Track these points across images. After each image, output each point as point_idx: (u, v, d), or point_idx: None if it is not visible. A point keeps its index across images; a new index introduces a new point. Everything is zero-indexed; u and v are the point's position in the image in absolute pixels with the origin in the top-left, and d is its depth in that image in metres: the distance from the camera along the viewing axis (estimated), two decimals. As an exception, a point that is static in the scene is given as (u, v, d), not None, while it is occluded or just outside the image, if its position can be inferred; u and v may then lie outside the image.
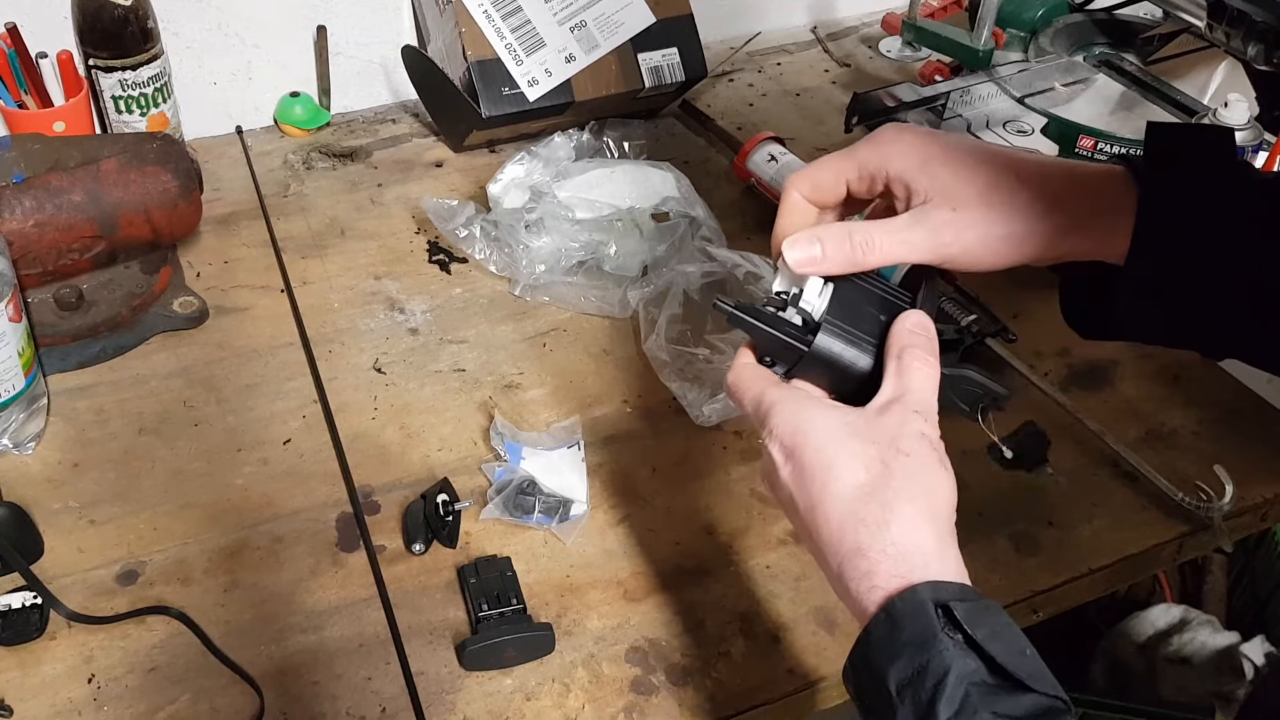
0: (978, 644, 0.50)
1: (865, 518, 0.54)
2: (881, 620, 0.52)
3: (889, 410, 0.57)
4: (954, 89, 1.20)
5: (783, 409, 0.59)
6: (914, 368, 0.58)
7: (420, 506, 0.86)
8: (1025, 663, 0.50)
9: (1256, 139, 1.02)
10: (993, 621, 0.51)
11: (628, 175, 1.13)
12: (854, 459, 0.56)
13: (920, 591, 0.52)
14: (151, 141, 1.01)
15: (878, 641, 0.52)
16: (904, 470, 0.55)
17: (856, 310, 0.62)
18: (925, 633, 0.51)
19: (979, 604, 0.52)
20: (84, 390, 0.96)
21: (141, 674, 0.76)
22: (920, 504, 0.55)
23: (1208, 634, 1.43)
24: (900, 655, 0.51)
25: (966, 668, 0.49)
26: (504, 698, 0.76)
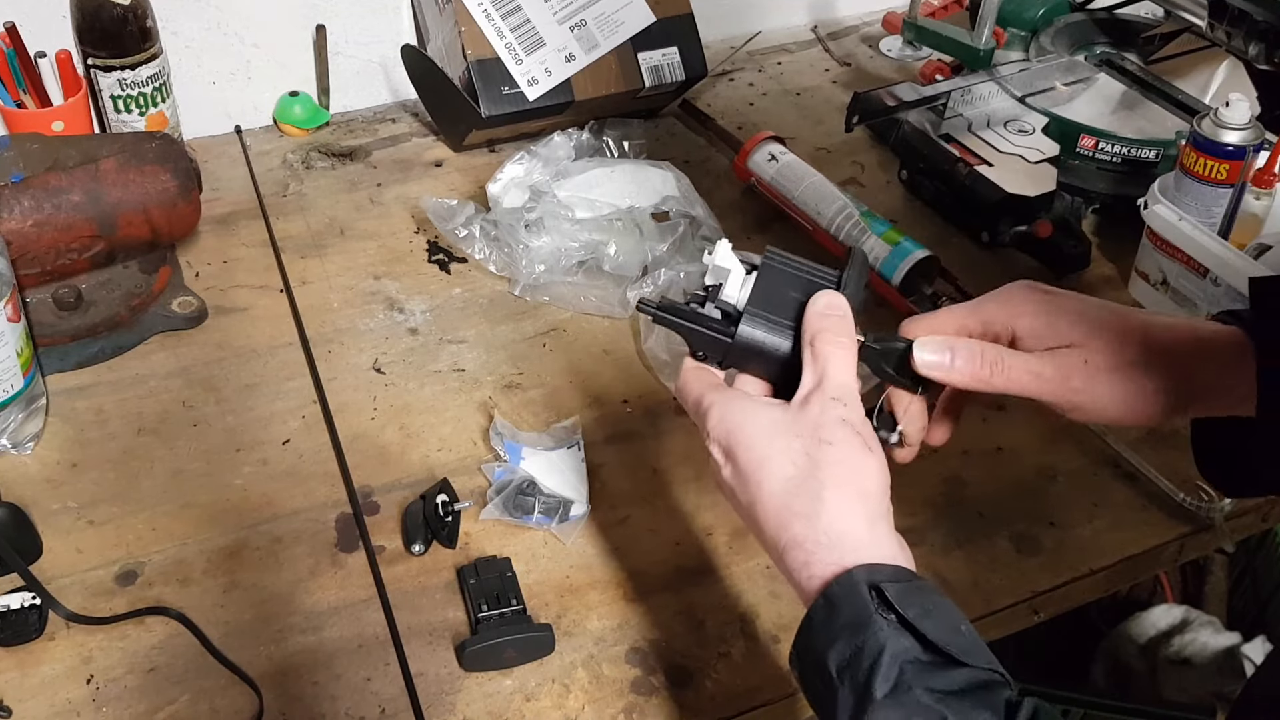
0: (910, 623, 0.52)
1: (797, 510, 0.56)
2: (820, 605, 0.54)
3: (809, 401, 0.59)
4: (955, 88, 1.20)
5: (717, 411, 0.60)
6: (826, 353, 0.59)
7: (420, 507, 0.86)
8: (958, 639, 0.52)
9: (1257, 139, 1.02)
10: (924, 601, 0.53)
11: (627, 175, 1.13)
12: (782, 455, 0.57)
13: (855, 575, 0.53)
14: (150, 141, 1.01)
15: (818, 626, 0.54)
16: (828, 459, 0.57)
17: (779, 296, 0.63)
18: (860, 615, 0.52)
19: (912, 584, 0.53)
20: (83, 390, 0.96)
21: (140, 675, 0.76)
22: (848, 490, 0.56)
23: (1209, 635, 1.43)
24: (839, 638, 0.52)
25: (900, 646, 0.51)
26: (504, 698, 0.76)
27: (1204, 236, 1.00)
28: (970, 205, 1.15)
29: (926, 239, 1.08)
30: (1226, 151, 1.01)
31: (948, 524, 0.89)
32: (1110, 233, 1.16)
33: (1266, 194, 1.04)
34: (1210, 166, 1.02)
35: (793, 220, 1.15)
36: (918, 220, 1.19)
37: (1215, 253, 0.99)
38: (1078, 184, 1.17)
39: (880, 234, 1.08)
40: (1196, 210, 1.03)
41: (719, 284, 0.64)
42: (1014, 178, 1.14)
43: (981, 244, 1.15)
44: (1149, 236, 1.06)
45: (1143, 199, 1.05)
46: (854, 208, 1.10)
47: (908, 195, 1.23)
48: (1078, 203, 1.17)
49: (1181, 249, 1.02)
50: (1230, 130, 1.01)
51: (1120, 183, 1.17)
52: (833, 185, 1.14)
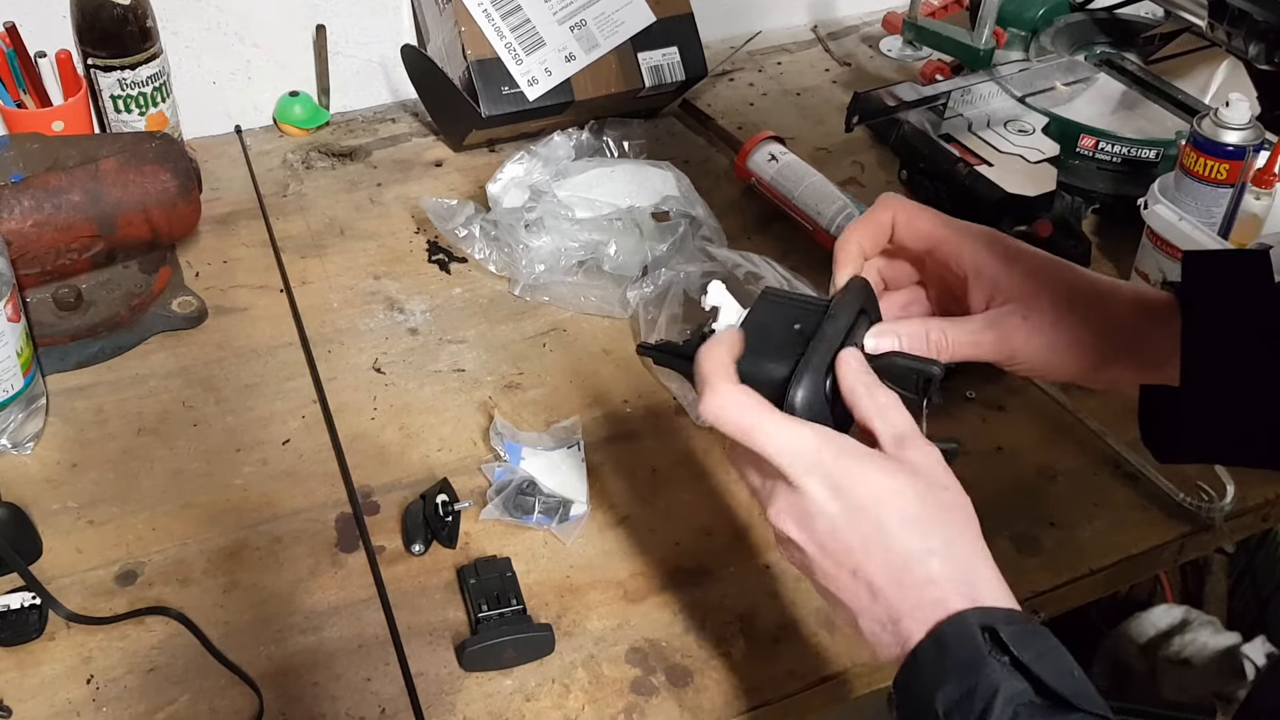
0: (1024, 665, 0.51)
1: (930, 549, 0.55)
2: (929, 645, 0.53)
3: (906, 445, 0.58)
4: (955, 88, 1.20)
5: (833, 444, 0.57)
6: (891, 409, 0.59)
7: (420, 507, 0.86)
8: (1072, 683, 0.52)
9: (1257, 139, 1.02)
10: (1039, 644, 0.53)
11: (627, 174, 1.13)
12: (907, 493, 0.56)
13: (967, 617, 0.53)
14: (150, 141, 1.01)
15: (925, 665, 0.53)
16: (949, 503, 0.57)
17: (771, 325, 0.63)
18: (973, 656, 0.52)
19: (1025, 627, 0.53)
20: (83, 390, 0.96)
21: (140, 675, 0.76)
22: (972, 535, 0.57)
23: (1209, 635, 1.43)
24: (948, 679, 0.52)
25: (1014, 688, 0.51)
26: (504, 698, 0.76)
27: (1204, 236, 1.00)
28: (970, 205, 1.15)
29: (926, 239, 1.08)
30: (1226, 151, 1.01)
31: (948, 524, 0.89)
32: (1110, 233, 1.16)
33: (1266, 194, 1.04)
34: (1210, 166, 1.02)
35: (793, 220, 1.15)
36: (918, 220, 1.18)
37: (1215, 253, 0.99)
38: (1078, 184, 1.17)
39: (880, 234, 1.08)
40: (1196, 210, 1.03)
41: (709, 325, 0.65)
42: (1014, 177, 1.14)
43: (981, 244, 1.15)
44: (1149, 236, 1.06)
45: (1143, 199, 1.05)
46: (854, 208, 1.10)
47: (908, 195, 1.23)
48: (1078, 203, 1.17)
49: (1181, 249, 1.02)
50: (1230, 130, 1.01)
51: (1120, 183, 1.17)
52: (833, 185, 1.14)
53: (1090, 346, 0.64)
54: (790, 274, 1.04)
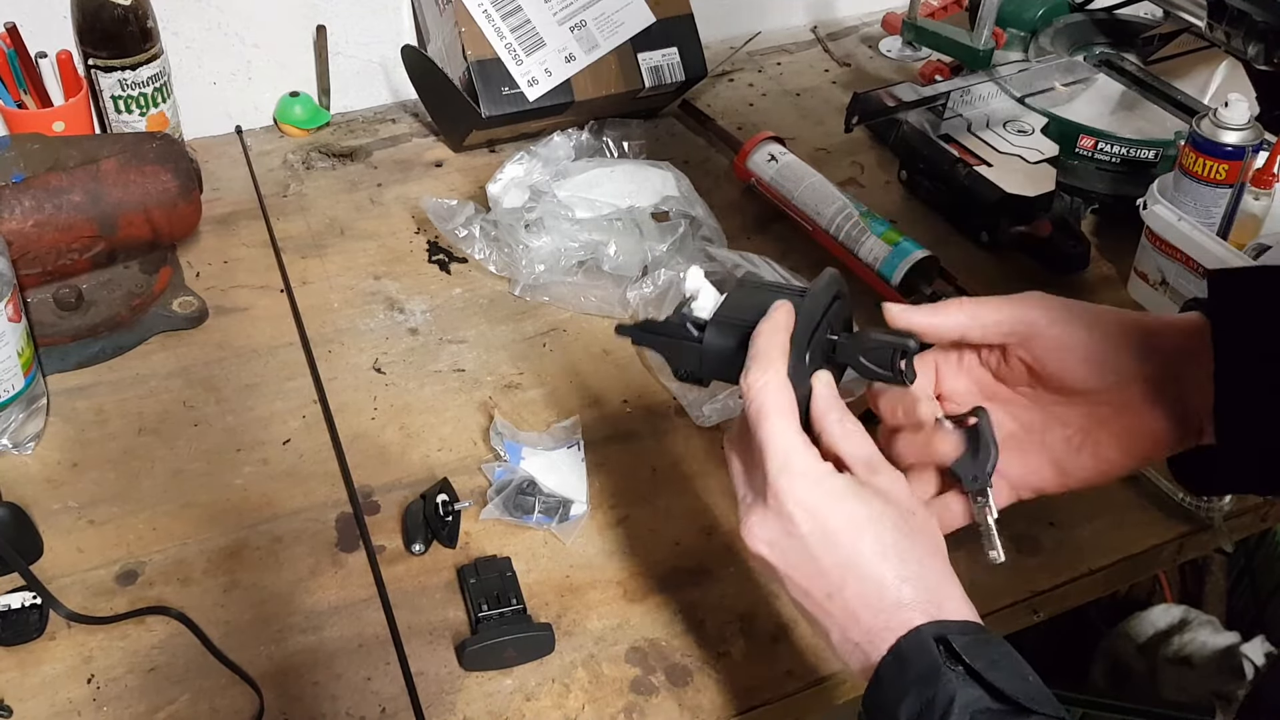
0: (978, 673, 0.53)
1: (905, 575, 0.57)
2: (890, 661, 0.56)
3: (877, 470, 0.61)
4: (954, 89, 1.20)
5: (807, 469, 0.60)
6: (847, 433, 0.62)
7: (420, 506, 0.86)
8: (1026, 687, 0.54)
9: (1256, 139, 1.02)
10: (991, 652, 0.55)
11: (627, 174, 1.13)
12: (882, 520, 0.59)
13: (923, 630, 0.55)
14: (151, 141, 1.01)
15: (888, 681, 0.55)
16: (920, 528, 0.59)
17: (748, 303, 0.65)
18: (930, 667, 0.54)
19: (979, 636, 0.55)
20: (83, 390, 0.96)
21: (141, 674, 0.76)
22: (940, 558, 0.59)
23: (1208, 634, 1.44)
24: (909, 691, 0.54)
25: (970, 696, 0.53)
26: (504, 698, 0.76)
27: (1203, 237, 1.00)
28: (970, 205, 1.15)
29: (926, 239, 1.08)
30: (1225, 152, 1.01)
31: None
32: (1109, 233, 1.17)
33: (1265, 194, 1.04)
34: (1209, 167, 1.02)
35: (792, 220, 1.15)
36: (917, 220, 1.19)
37: (1214, 253, 0.99)
38: (1077, 184, 1.17)
39: (880, 234, 1.08)
40: (1195, 210, 1.03)
41: (690, 299, 0.68)
42: (1013, 178, 1.14)
43: (981, 244, 1.15)
44: (1148, 237, 1.06)
45: (1142, 199, 1.05)
46: (853, 208, 1.10)
47: (907, 195, 1.23)
48: (1077, 203, 1.17)
49: (1181, 249, 1.02)
50: (1229, 130, 1.01)
51: (1119, 183, 1.17)
52: (832, 185, 1.14)
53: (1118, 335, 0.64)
54: (790, 274, 1.04)
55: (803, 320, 0.63)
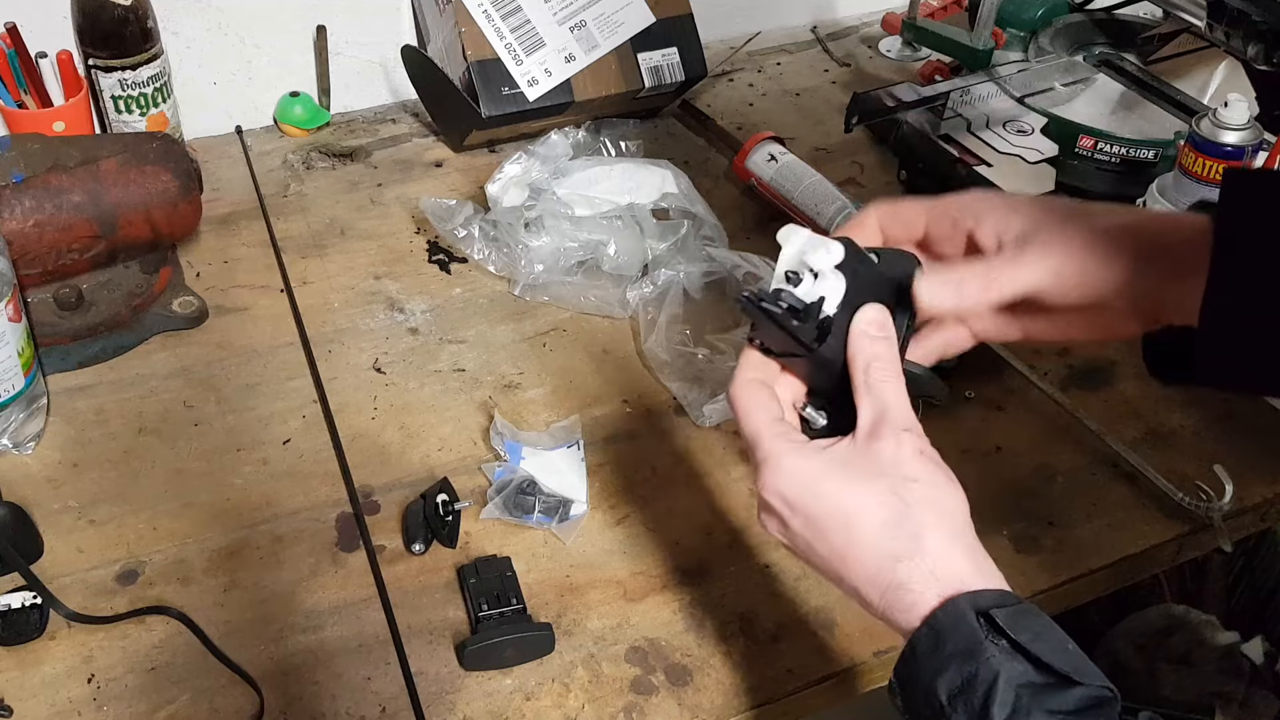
0: (1023, 647, 0.52)
1: (899, 553, 0.55)
2: (925, 634, 0.53)
3: (879, 435, 0.57)
4: (954, 89, 1.20)
5: (780, 464, 0.58)
6: (882, 384, 0.58)
7: (420, 506, 0.86)
8: (1070, 658, 0.52)
9: (1256, 139, 1.02)
10: (1033, 623, 0.53)
11: (627, 173, 1.13)
12: (868, 498, 0.56)
13: (960, 603, 0.53)
14: (151, 141, 1.01)
15: (923, 655, 0.53)
16: (918, 497, 0.56)
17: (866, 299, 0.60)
18: (970, 642, 0.52)
19: (1019, 608, 0.53)
20: (84, 390, 0.96)
21: (141, 674, 0.76)
22: (945, 526, 0.56)
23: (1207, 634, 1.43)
24: (947, 666, 0.52)
25: (1014, 670, 0.51)
26: (504, 698, 0.76)
27: (1203, 237, 1.00)
28: (969, 205, 1.15)
29: (926, 239, 1.08)
30: (1225, 152, 1.01)
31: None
32: (1109, 233, 1.16)
33: (1265, 194, 1.04)
34: (1209, 167, 1.02)
35: (792, 220, 1.15)
36: (917, 220, 1.19)
37: (1214, 253, 0.99)
38: (1077, 184, 1.17)
39: (880, 234, 1.08)
40: (1195, 210, 1.03)
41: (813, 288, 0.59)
42: (1013, 178, 1.14)
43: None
44: (1148, 237, 1.06)
45: (1142, 199, 1.05)
46: (853, 208, 1.10)
47: (907, 195, 1.23)
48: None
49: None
50: (1229, 130, 1.01)
51: (1119, 183, 1.17)
52: (832, 185, 1.14)
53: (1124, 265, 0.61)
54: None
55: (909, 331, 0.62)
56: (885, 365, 0.58)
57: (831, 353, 0.59)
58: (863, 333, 0.59)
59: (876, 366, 0.58)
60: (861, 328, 0.59)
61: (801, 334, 0.58)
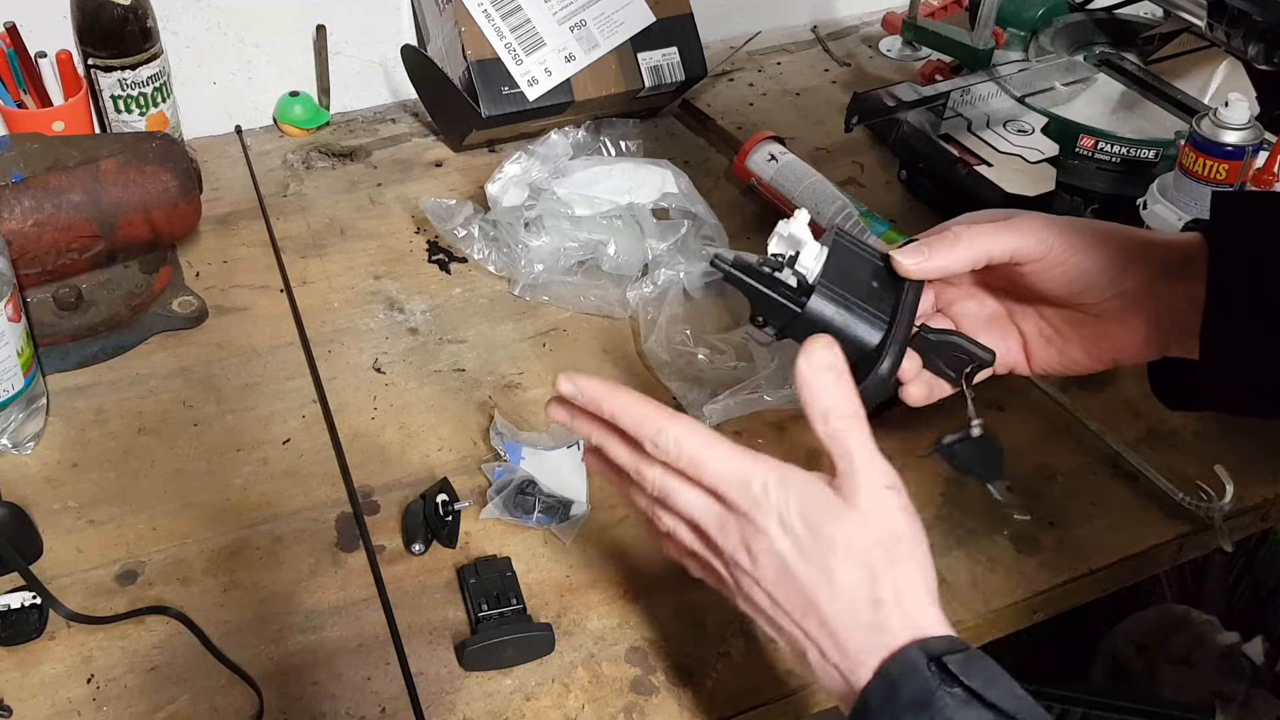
0: (976, 693, 0.51)
1: (879, 598, 0.56)
2: (877, 686, 0.53)
3: (861, 491, 0.57)
4: (954, 88, 1.20)
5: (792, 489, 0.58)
6: (850, 443, 0.58)
7: (420, 506, 0.86)
8: (1022, 704, 0.52)
9: (1256, 139, 1.02)
10: (984, 669, 0.53)
11: (627, 172, 1.13)
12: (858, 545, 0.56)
13: (910, 652, 0.53)
14: (151, 141, 1.01)
15: (876, 708, 0.53)
16: (901, 554, 0.57)
17: (851, 276, 0.63)
18: (923, 692, 0.52)
19: (969, 654, 0.53)
20: (83, 390, 0.96)
21: (141, 674, 0.76)
22: (919, 577, 0.57)
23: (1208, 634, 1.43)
24: (901, 717, 0.52)
25: (969, 718, 0.51)
26: (504, 698, 0.76)
27: (1203, 236, 1.00)
28: (970, 205, 1.14)
29: (926, 239, 1.08)
30: (1226, 151, 1.01)
31: (947, 524, 0.89)
32: (1110, 233, 1.16)
33: (1266, 194, 1.04)
34: (1209, 166, 1.02)
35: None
36: (917, 220, 1.19)
37: (1214, 253, 0.99)
38: (1077, 184, 1.17)
39: (880, 234, 1.08)
40: (1196, 210, 1.03)
41: (794, 253, 0.64)
42: (1013, 178, 1.14)
43: (981, 244, 1.15)
44: (1148, 236, 1.06)
45: (1142, 199, 1.05)
46: (854, 208, 1.10)
47: (907, 195, 1.23)
48: (1077, 203, 1.17)
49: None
50: (1229, 130, 1.01)
51: (1119, 183, 1.17)
52: (832, 185, 1.14)
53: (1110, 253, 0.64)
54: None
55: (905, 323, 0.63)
56: (850, 422, 0.58)
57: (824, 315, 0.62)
58: (808, 371, 0.58)
59: (836, 417, 0.58)
60: (803, 367, 0.58)
61: (782, 290, 0.63)
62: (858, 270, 0.63)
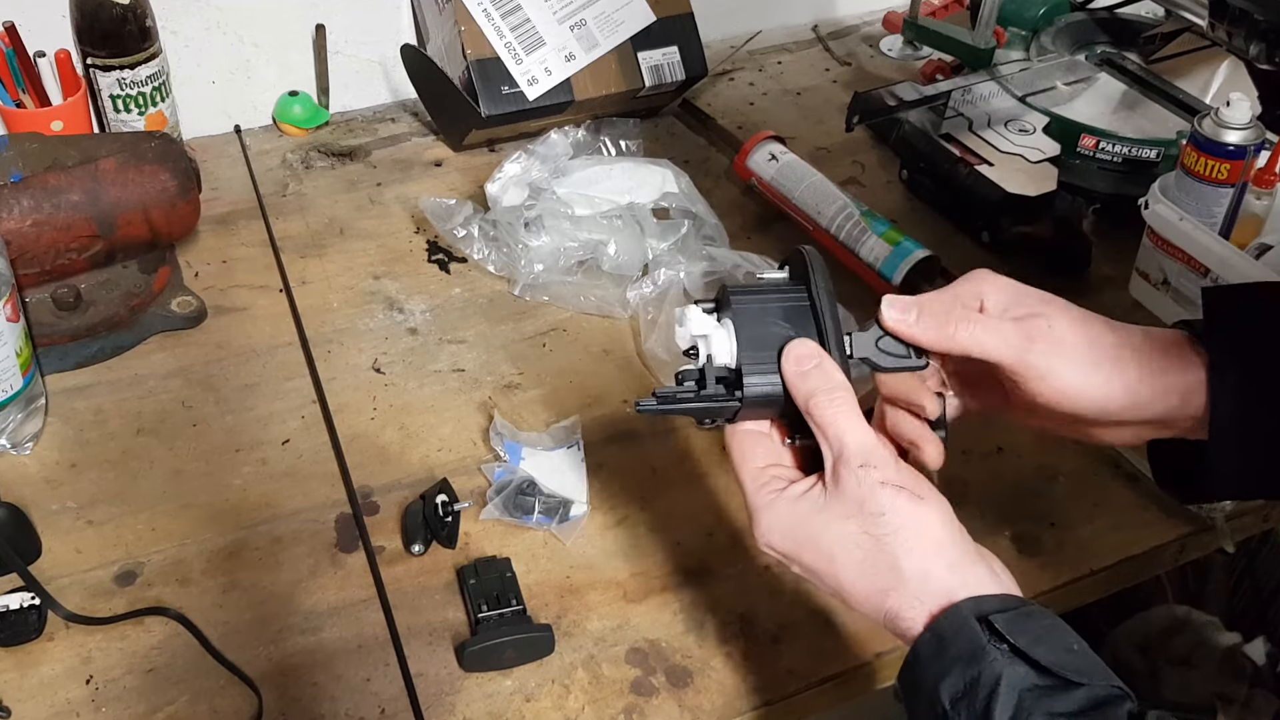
0: (1022, 651, 0.52)
1: (883, 587, 0.57)
2: (927, 640, 0.55)
3: (839, 476, 0.58)
4: (955, 88, 1.20)
5: (765, 520, 0.60)
6: (828, 418, 0.58)
7: (419, 507, 0.86)
8: (1072, 659, 0.52)
9: (1258, 138, 1.02)
10: (1035, 626, 0.53)
11: (627, 172, 1.13)
12: (844, 541, 0.57)
13: (962, 608, 0.54)
14: (150, 141, 1.01)
15: (926, 660, 0.54)
16: (887, 530, 0.57)
17: (764, 332, 0.61)
18: (972, 646, 0.53)
19: (1021, 611, 0.54)
20: (82, 390, 0.96)
21: (140, 675, 0.76)
22: (920, 549, 0.56)
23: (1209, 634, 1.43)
24: (950, 671, 0.53)
25: (1016, 674, 0.52)
26: (503, 699, 0.76)
27: (1205, 236, 1.00)
28: (971, 205, 1.15)
29: (927, 239, 1.08)
30: (1227, 151, 1.01)
31: (948, 524, 0.89)
32: (1111, 233, 1.16)
33: (1267, 194, 1.04)
34: (1211, 166, 1.02)
35: (793, 220, 1.15)
36: (918, 220, 1.19)
37: (1216, 253, 0.99)
38: (1078, 184, 1.17)
39: (881, 234, 1.08)
40: (1197, 210, 1.03)
41: (705, 353, 0.62)
42: (1014, 177, 1.13)
43: (982, 244, 1.15)
44: (1150, 236, 1.06)
45: (1144, 199, 1.05)
46: (854, 207, 1.10)
47: (908, 195, 1.23)
48: (1078, 202, 1.17)
49: (1182, 249, 1.02)
50: (1231, 130, 1.01)
51: (1121, 182, 1.17)
52: (833, 185, 1.14)
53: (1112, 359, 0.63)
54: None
55: (831, 324, 0.61)
56: (825, 397, 0.59)
57: (755, 390, 0.60)
58: (795, 371, 0.60)
59: (817, 402, 0.59)
60: (790, 368, 0.60)
61: (715, 399, 0.60)
62: (767, 320, 0.61)
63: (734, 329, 0.61)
